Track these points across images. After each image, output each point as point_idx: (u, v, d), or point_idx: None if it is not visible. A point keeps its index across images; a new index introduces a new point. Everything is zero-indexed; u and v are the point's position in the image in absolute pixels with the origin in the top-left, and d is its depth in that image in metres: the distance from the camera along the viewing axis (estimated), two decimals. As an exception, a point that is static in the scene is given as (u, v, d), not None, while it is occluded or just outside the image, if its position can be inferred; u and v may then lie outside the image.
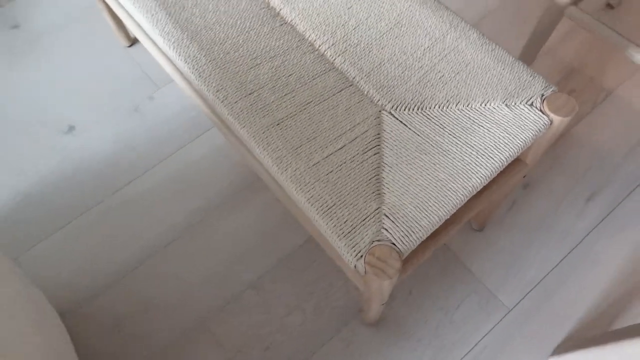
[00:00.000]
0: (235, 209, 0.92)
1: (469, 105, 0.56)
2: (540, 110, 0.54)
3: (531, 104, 0.55)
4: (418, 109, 0.56)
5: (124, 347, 0.81)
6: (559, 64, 1.07)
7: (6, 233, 0.91)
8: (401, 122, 0.56)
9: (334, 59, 0.61)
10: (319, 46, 0.61)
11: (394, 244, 0.47)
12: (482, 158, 0.52)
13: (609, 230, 0.89)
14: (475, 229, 0.89)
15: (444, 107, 0.56)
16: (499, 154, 0.52)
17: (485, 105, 0.55)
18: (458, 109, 0.56)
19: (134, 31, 0.79)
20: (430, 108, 0.56)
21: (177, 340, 0.81)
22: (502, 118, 0.54)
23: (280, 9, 0.64)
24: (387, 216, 0.49)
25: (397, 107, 0.57)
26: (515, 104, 0.55)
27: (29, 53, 1.13)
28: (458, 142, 0.53)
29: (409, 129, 0.55)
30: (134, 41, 1.15)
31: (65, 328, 0.73)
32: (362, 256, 0.47)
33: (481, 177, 0.51)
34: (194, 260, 0.88)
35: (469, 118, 0.55)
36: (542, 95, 0.55)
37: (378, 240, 0.48)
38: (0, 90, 1.08)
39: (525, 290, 0.84)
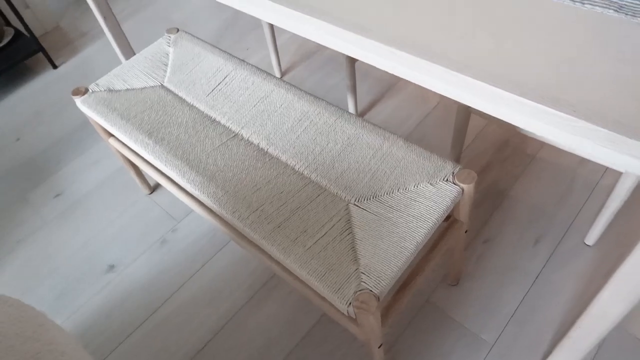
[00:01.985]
0: (258, 305, 1.12)
1: (406, 189, 0.81)
2: (453, 183, 0.79)
3: (446, 180, 0.80)
4: (373, 198, 0.81)
5: None
6: (490, 141, 1.36)
7: None
8: (363, 209, 0.80)
9: (310, 175, 0.87)
10: (298, 168, 0.88)
11: (370, 290, 0.69)
12: (420, 222, 0.76)
13: (557, 264, 1.09)
14: (452, 284, 1.09)
15: (390, 193, 0.81)
16: (431, 217, 0.76)
17: (417, 186, 0.81)
18: (399, 193, 0.81)
19: (160, 182, 1.06)
20: (380, 196, 0.81)
21: None
22: (429, 193, 0.79)
23: (268, 149, 0.92)
24: (363, 273, 0.71)
25: (358, 199, 0.81)
26: (436, 182, 0.80)
27: (72, 214, 1.40)
28: (402, 214, 0.77)
29: (369, 212, 0.79)
30: (153, 189, 1.43)
31: None
32: (350, 303, 0.68)
33: (422, 235, 0.74)
34: (232, 353, 1.06)
35: (408, 197, 0.79)
36: (453, 172, 0.81)
37: (360, 290, 0.69)
38: (52, 249, 1.33)
39: (501, 326, 1.02)
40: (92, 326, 1.15)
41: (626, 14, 0.56)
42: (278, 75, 1.68)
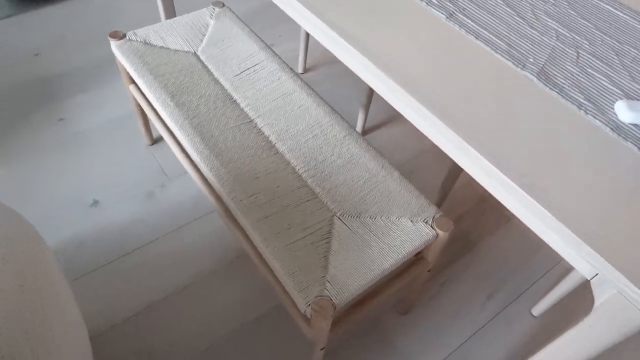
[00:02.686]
0: (222, 279, 1.19)
1: (388, 218, 0.88)
2: (431, 227, 0.87)
3: (426, 222, 0.87)
4: (356, 217, 0.88)
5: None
6: (473, 193, 1.44)
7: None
8: (345, 224, 0.87)
9: (307, 179, 0.93)
10: (298, 170, 0.95)
11: (330, 298, 0.76)
12: (392, 252, 0.83)
13: (501, 323, 1.18)
14: (402, 312, 1.17)
15: (373, 217, 0.88)
16: (402, 250, 0.83)
17: (398, 219, 0.88)
18: (381, 220, 0.88)
19: (167, 140, 1.12)
20: (364, 217, 0.88)
21: (161, 378, 1.03)
22: (407, 229, 0.86)
23: (276, 143, 0.99)
24: (328, 281, 0.78)
25: (344, 215, 0.88)
26: (417, 221, 0.88)
27: (70, 143, 1.45)
28: (379, 240, 0.84)
29: (349, 229, 0.86)
30: (154, 142, 1.48)
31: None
32: (309, 305, 0.75)
33: (390, 263, 0.82)
34: (183, 313, 1.12)
35: (387, 226, 0.87)
36: (433, 217, 0.88)
37: (321, 296, 0.76)
38: (42, 172, 1.37)
39: (434, 362, 1.10)
40: (63, 252, 1.20)
41: (619, 135, 0.64)
42: (300, 70, 1.74)
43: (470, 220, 1.37)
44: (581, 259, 0.54)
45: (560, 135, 0.63)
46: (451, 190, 1.32)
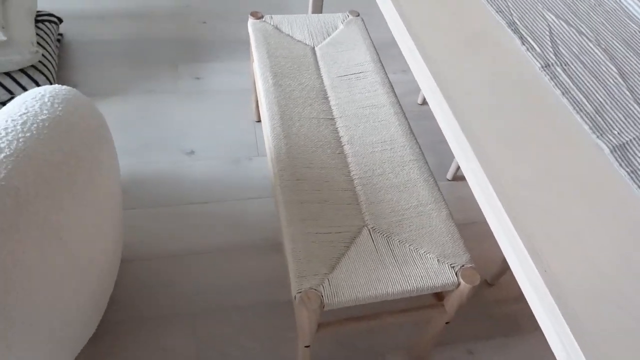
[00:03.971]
0: (257, 255, 1.24)
1: (416, 250, 0.85)
2: (455, 274, 0.82)
3: (452, 267, 0.82)
4: (386, 237, 0.87)
5: (134, 297, 1.13)
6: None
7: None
8: (372, 238, 0.86)
9: (357, 187, 0.94)
10: (352, 175, 0.96)
11: (321, 296, 0.76)
12: (403, 281, 0.80)
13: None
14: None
15: (402, 242, 0.86)
16: (414, 283, 0.80)
17: (426, 254, 0.84)
18: (409, 248, 0.85)
19: (262, 119, 1.21)
20: (393, 239, 0.86)
21: (169, 317, 1.11)
22: (430, 266, 0.82)
23: (344, 145, 1.01)
24: (328, 280, 0.78)
25: (375, 229, 0.87)
26: (444, 262, 0.83)
27: (196, 97, 1.64)
28: (396, 265, 0.82)
29: (374, 244, 0.85)
30: (259, 119, 1.60)
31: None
32: (300, 292, 0.76)
33: (395, 291, 0.79)
34: (212, 270, 1.20)
35: (412, 256, 0.84)
36: (462, 265, 0.83)
37: (315, 289, 0.77)
38: (164, 111, 1.57)
39: None
40: (141, 182, 1.37)
41: (680, 236, 0.54)
42: (419, 101, 1.74)
43: (523, 305, 1.24)
44: (557, 337, 0.48)
45: (609, 217, 0.56)
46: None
